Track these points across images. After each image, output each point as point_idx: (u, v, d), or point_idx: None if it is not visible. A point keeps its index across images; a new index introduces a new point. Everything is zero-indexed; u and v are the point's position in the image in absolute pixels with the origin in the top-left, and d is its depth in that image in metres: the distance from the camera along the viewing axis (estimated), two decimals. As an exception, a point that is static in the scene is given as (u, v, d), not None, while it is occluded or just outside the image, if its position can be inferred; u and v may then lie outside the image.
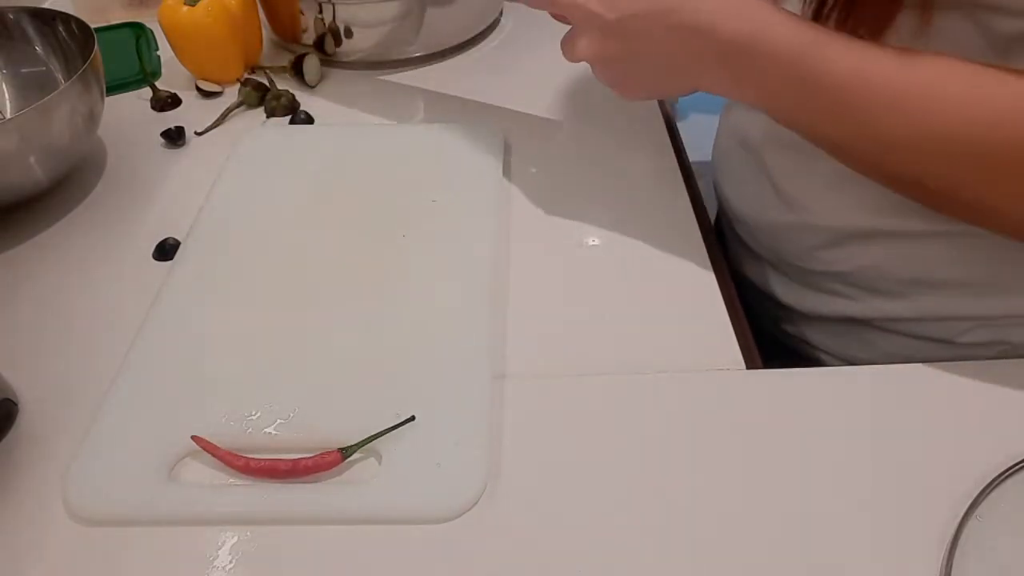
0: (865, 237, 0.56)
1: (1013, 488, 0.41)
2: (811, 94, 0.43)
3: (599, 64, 0.51)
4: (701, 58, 0.46)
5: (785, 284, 0.65)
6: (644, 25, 0.46)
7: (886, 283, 0.57)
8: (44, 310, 0.56)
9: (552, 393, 0.48)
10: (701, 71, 0.47)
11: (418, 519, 0.41)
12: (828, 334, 0.63)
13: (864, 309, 0.59)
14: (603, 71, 0.52)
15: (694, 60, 0.46)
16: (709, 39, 0.44)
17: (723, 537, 0.41)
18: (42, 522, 0.42)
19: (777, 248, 0.63)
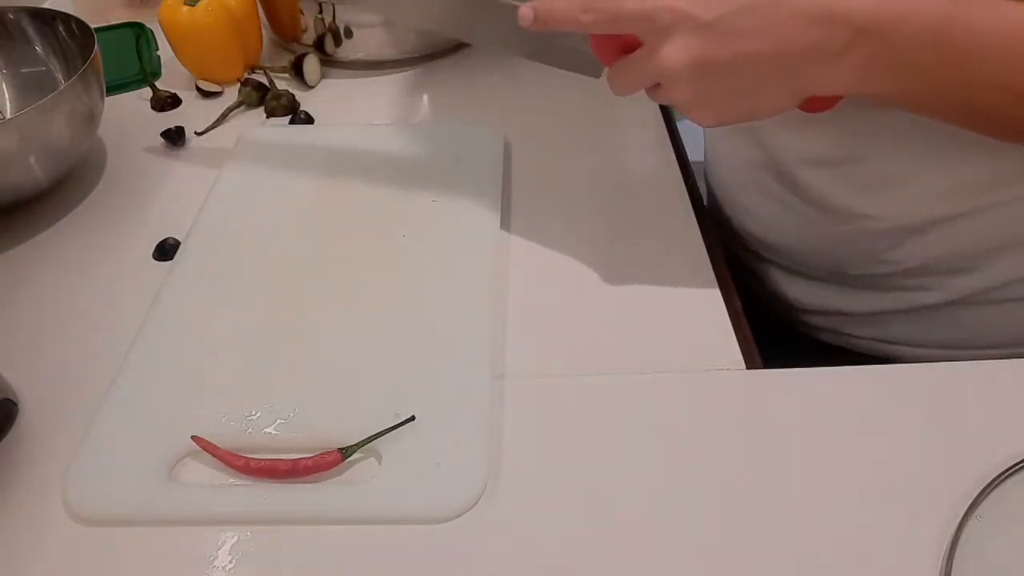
0: (931, 226, 0.54)
1: (1013, 488, 0.41)
2: (960, 65, 0.39)
3: (690, 80, 0.42)
4: (825, 51, 0.40)
5: (840, 293, 0.62)
6: (753, 21, 0.40)
7: (961, 261, 0.56)
8: (44, 310, 0.56)
9: (552, 393, 0.48)
10: (823, 68, 0.41)
11: (418, 519, 0.41)
12: (907, 325, 0.60)
13: (941, 295, 0.57)
14: (691, 88, 0.43)
15: (815, 55, 0.40)
16: (838, 26, 0.39)
17: (723, 536, 0.41)
18: (42, 522, 0.42)
19: (827, 263, 0.61)
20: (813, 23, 0.40)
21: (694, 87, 0.43)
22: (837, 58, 0.40)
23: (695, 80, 0.42)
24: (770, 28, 0.40)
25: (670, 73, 0.42)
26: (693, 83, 0.43)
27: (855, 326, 0.63)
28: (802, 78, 0.42)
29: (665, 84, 0.43)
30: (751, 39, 0.41)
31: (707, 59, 0.41)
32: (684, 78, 0.42)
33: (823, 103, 0.46)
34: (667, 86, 0.43)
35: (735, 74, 0.42)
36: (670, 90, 0.44)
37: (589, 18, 0.44)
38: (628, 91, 0.46)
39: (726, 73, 0.42)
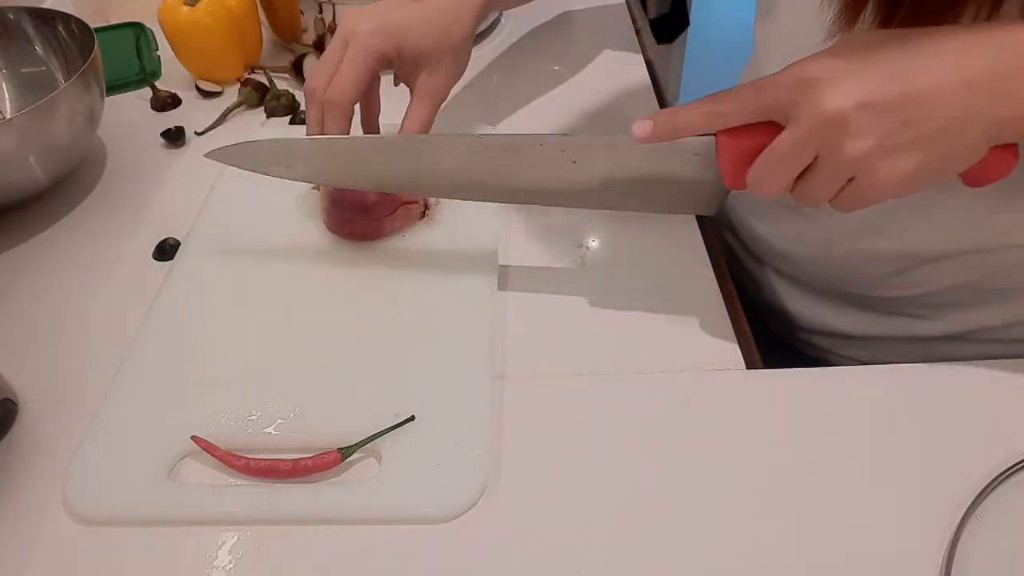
0: (945, 257, 0.53)
1: (1013, 488, 0.41)
2: None
3: (869, 123, 0.37)
4: (1005, 75, 0.36)
5: (838, 311, 0.62)
6: (910, 62, 0.37)
7: (966, 296, 0.55)
8: (44, 310, 0.56)
9: (552, 393, 0.48)
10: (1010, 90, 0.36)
11: (418, 519, 0.41)
12: (900, 354, 0.60)
13: (940, 326, 0.57)
14: (871, 134, 0.37)
15: (996, 78, 0.36)
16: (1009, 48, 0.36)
17: (723, 536, 0.41)
18: (42, 522, 0.42)
19: (831, 278, 0.61)
20: (969, 49, 0.36)
21: (875, 131, 0.36)
22: (1014, 79, 0.36)
23: (872, 123, 0.36)
24: (928, 64, 0.36)
25: (840, 120, 0.36)
26: (871, 128, 0.36)
27: (849, 348, 0.63)
28: (984, 107, 0.36)
29: (835, 142, 0.37)
30: (913, 78, 0.36)
31: (876, 98, 0.36)
32: (860, 123, 0.36)
33: (994, 171, 0.40)
34: (837, 143, 0.37)
35: (915, 112, 0.36)
36: (841, 147, 0.37)
37: (723, 105, 0.40)
38: (782, 182, 0.40)
39: (905, 112, 0.36)
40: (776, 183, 0.40)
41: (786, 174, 0.40)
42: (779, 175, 0.40)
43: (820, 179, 0.39)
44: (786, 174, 0.40)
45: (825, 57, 0.38)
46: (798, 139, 0.38)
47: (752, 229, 0.66)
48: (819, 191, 0.40)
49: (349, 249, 0.57)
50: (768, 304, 0.68)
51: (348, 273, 0.56)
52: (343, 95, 0.53)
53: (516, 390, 0.48)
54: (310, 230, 0.59)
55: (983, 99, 0.36)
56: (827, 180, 0.39)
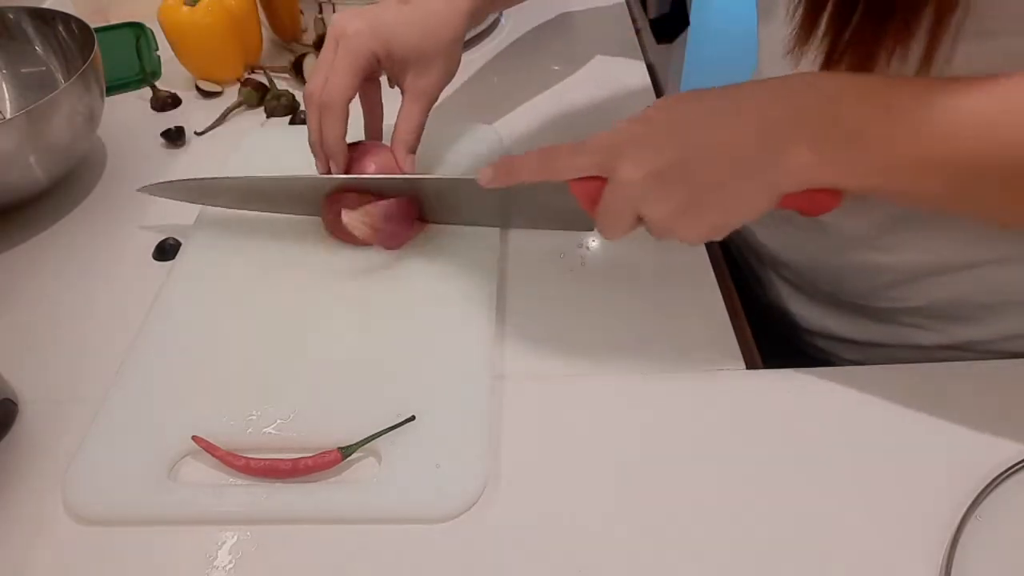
0: (943, 271, 0.53)
1: (1013, 488, 0.41)
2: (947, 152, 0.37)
3: (655, 191, 0.40)
4: (769, 142, 0.39)
5: (837, 316, 0.62)
6: (691, 116, 0.41)
7: (964, 310, 0.55)
8: (44, 310, 0.56)
9: (552, 393, 0.48)
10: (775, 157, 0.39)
11: (418, 519, 0.41)
12: (891, 359, 0.59)
13: (938, 337, 0.57)
14: (659, 201, 0.41)
15: (762, 144, 0.39)
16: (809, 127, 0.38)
17: (723, 535, 0.41)
18: (42, 522, 0.42)
19: (830, 286, 0.61)
20: (744, 113, 0.40)
21: (661, 198, 0.41)
22: (779, 142, 0.39)
23: (658, 189, 0.40)
24: (708, 126, 0.40)
25: (633, 191, 0.41)
26: (658, 194, 0.41)
27: (850, 351, 0.63)
28: (752, 165, 0.40)
29: (639, 208, 0.42)
30: (692, 140, 0.40)
31: (660, 166, 0.40)
32: (649, 191, 0.41)
33: (820, 203, 0.41)
34: (641, 209, 0.41)
35: (693, 172, 0.40)
36: (647, 213, 0.41)
37: (554, 163, 0.45)
38: (617, 231, 0.44)
39: (684, 173, 0.40)
40: (614, 232, 0.44)
41: (617, 225, 0.43)
42: (613, 226, 0.44)
43: (652, 227, 0.43)
44: (617, 225, 0.43)
45: (634, 124, 0.42)
46: (611, 199, 0.42)
47: (753, 234, 0.66)
48: (656, 233, 0.43)
49: (349, 249, 0.57)
50: (771, 305, 0.68)
51: (348, 273, 0.56)
52: (337, 96, 0.53)
53: (516, 390, 0.48)
54: (310, 230, 0.59)
55: (748, 160, 0.39)
56: (655, 228, 0.43)
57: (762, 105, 0.40)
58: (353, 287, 0.55)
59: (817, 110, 0.39)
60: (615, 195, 0.42)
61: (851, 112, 0.38)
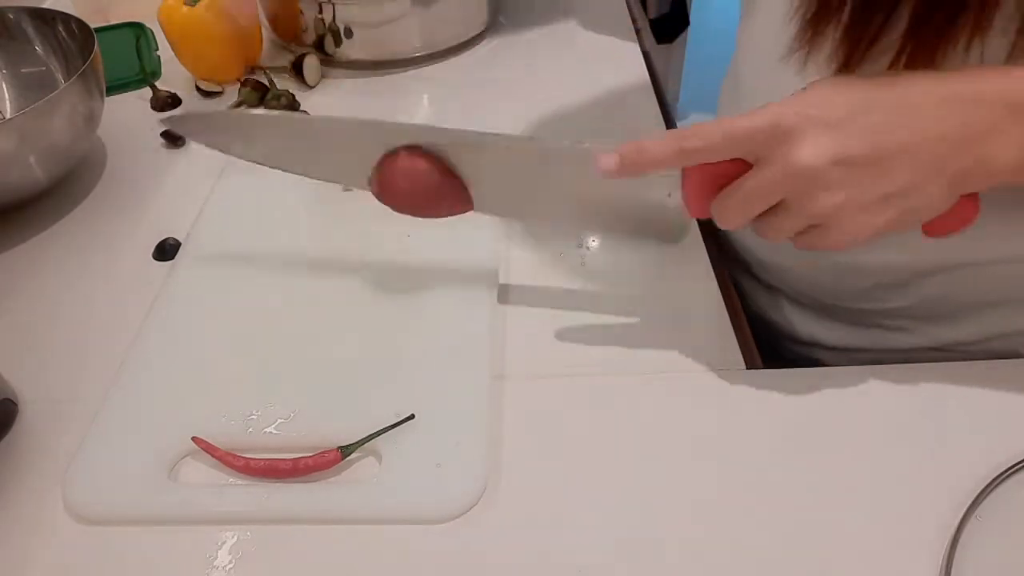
0: (930, 272, 0.53)
1: (1013, 488, 0.41)
2: None
3: (840, 180, 0.37)
4: (973, 131, 0.37)
5: (818, 322, 0.62)
6: (882, 116, 0.37)
7: (948, 310, 0.55)
8: (44, 310, 0.56)
9: (552, 393, 0.48)
10: (976, 147, 0.37)
11: (418, 519, 0.41)
12: (878, 362, 0.59)
13: (922, 340, 0.57)
14: (842, 190, 0.37)
15: (965, 136, 0.37)
16: (976, 105, 0.36)
17: (723, 535, 0.41)
18: (42, 522, 0.42)
19: (812, 290, 0.61)
20: (945, 105, 0.37)
21: (846, 188, 0.37)
22: (988, 136, 0.37)
23: (845, 179, 0.37)
24: (904, 120, 0.37)
25: (813, 174, 0.37)
26: (844, 183, 0.37)
27: (832, 358, 0.63)
28: (956, 163, 0.37)
29: (805, 193, 0.38)
30: (889, 133, 0.37)
31: (851, 154, 0.37)
32: (832, 178, 0.37)
33: (955, 222, 0.40)
34: (808, 195, 0.38)
35: (888, 169, 0.37)
36: (812, 199, 0.38)
37: (694, 143, 0.39)
38: (744, 217, 0.40)
39: (878, 168, 0.37)
40: (738, 217, 0.41)
41: (750, 211, 0.40)
42: (743, 211, 0.40)
43: (785, 221, 0.40)
44: (750, 211, 0.40)
45: (801, 106, 0.38)
46: (767, 182, 0.38)
47: (738, 238, 0.66)
48: (782, 231, 0.40)
49: (349, 249, 0.57)
50: (754, 315, 0.67)
51: (348, 272, 0.56)
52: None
53: (516, 390, 0.48)
54: (310, 230, 0.59)
55: (953, 157, 0.37)
56: (792, 223, 0.40)
57: (962, 83, 0.37)
58: (353, 287, 0.55)
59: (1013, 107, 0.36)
60: (770, 178, 0.38)
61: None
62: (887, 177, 0.37)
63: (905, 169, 0.37)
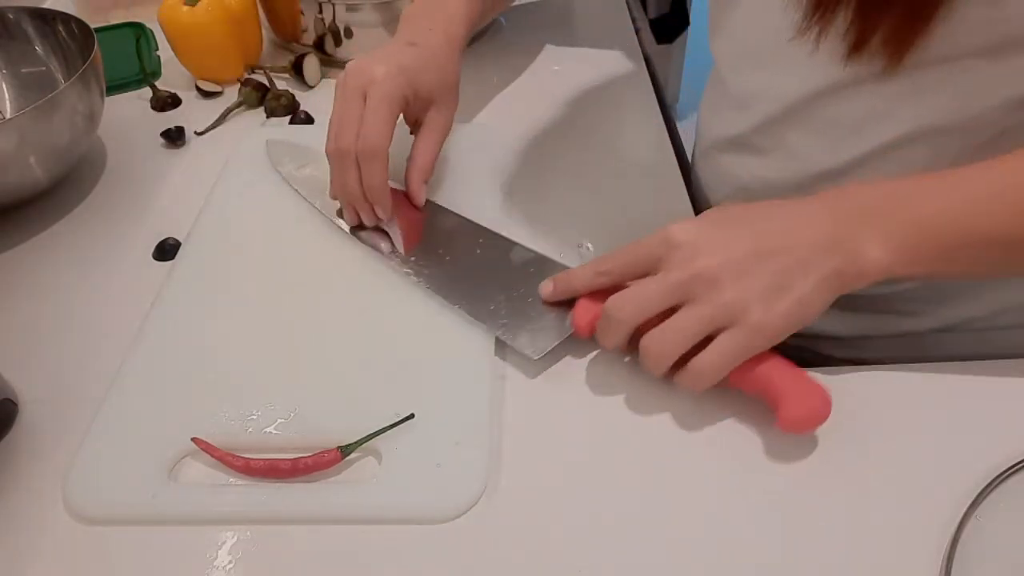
0: None
1: (1013, 488, 0.41)
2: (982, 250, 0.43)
3: (733, 278, 0.42)
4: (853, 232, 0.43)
5: (829, 314, 0.61)
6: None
7: (952, 290, 0.55)
8: (44, 310, 0.56)
9: (552, 393, 0.48)
10: (855, 240, 0.43)
11: (418, 519, 0.41)
12: (887, 348, 0.61)
13: (932, 321, 0.57)
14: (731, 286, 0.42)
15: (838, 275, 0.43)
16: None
17: (722, 534, 0.41)
18: (42, 522, 0.42)
19: None
20: (815, 217, 0.43)
21: (738, 282, 0.42)
22: (851, 239, 0.42)
23: (736, 273, 0.42)
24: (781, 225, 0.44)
25: (709, 274, 0.43)
26: (736, 277, 0.42)
27: (839, 349, 0.63)
28: (829, 262, 0.42)
29: (705, 291, 0.43)
30: (768, 238, 0.43)
31: (737, 254, 0.43)
32: (726, 274, 0.42)
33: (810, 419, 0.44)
34: (706, 292, 0.43)
35: (771, 261, 0.43)
36: (712, 296, 0.43)
37: (608, 267, 0.47)
38: (641, 315, 0.44)
39: (762, 262, 0.43)
40: (635, 315, 0.44)
41: (649, 308, 0.44)
42: (641, 308, 0.44)
43: (686, 318, 0.43)
44: (649, 308, 0.44)
45: (690, 224, 0.44)
46: (669, 283, 0.43)
47: None
48: (681, 332, 0.43)
49: (349, 249, 0.57)
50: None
51: (348, 272, 0.56)
52: (379, 143, 0.54)
53: (516, 390, 0.48)
54: (310, 230, 0.59)
55: (825, 256, 0.42)
56: (692, 320, 0.43)
57: (827, 202, 0.44)
58: (353, 286, 0.55)
59: (879, 204, 0.43)
60: (670, 279, 0.43)
61: (909, 202, 0.42)
62: (771, 266, 0.42)
63: (782, 263, 0.42)
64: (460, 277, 0.54)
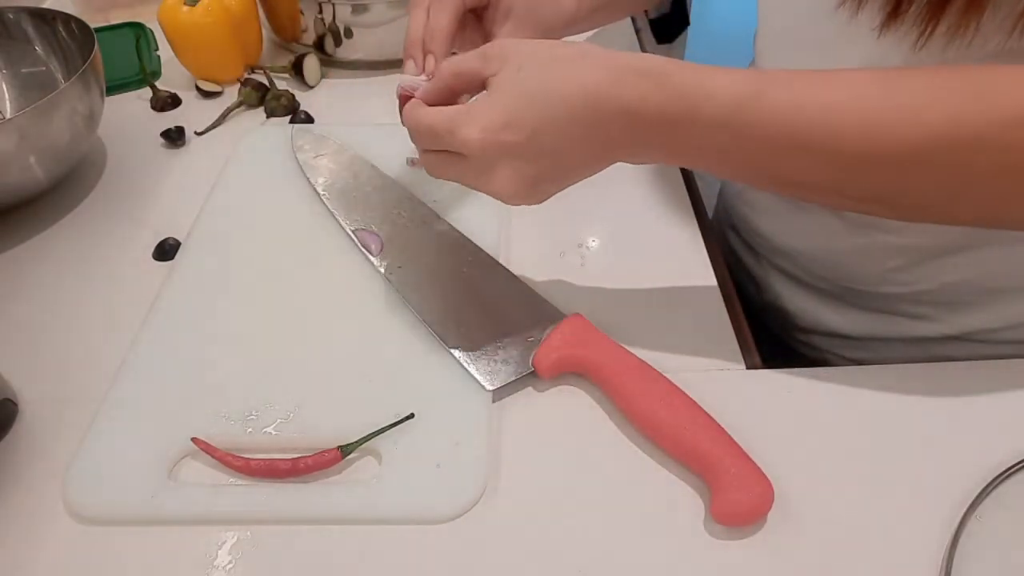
0: (948, 252, 0.53)
1: (1013, 488, 0.41)
2: (758, 148, 0.40)
3: (525, 194, 0.44)
4: (631, 140, 0.42)
5: (839, 311, 0.62)
6: (559, 134, 0.41)
7: (969, 295, 0.55)
8: (44, 310, 0.56)
9: (552, 393, 0.48)
10: (632, 151, 0.43)
11: (418, 519, 0.41)
12: (900, 352, 0.60)
13: (942, 328, 0.57)
14: (527, 195, 0.44)
15: (623, 144, 0.42)
16: (635, 122, 0.40)
17: (722, 534, 0.41)
18: (42, 522, 0.42)
19: (834, 275, 0.60)
20: (615, 121, 0.40)
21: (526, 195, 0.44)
22: (648, 144, 0.42)
23: (531, 192, 0.44)
24: (575, 135, 0.41)
25: (511, 197, 0.44)
26: (530, 194, 0.44)
27: (847, 348, 0.63)
28: (617, 158, 0.43)
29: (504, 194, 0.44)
30: (564, 151, 0.42)
31: (532, 175, 0.43)
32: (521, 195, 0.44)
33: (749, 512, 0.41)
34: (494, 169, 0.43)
35: (561, 173, 0.44)
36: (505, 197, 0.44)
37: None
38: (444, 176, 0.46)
39: (553, 176, 0.44)
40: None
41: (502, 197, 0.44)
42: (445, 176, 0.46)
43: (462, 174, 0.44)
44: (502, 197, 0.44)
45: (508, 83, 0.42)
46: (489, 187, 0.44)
47: (754, 226, 0.66)
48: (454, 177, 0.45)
49: (349, 249, 0.57)
50: (768, 304, 0.67)
51: (348, 272, 0.56)
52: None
53: (516, 390, 0.48)
54: (310, 230, 0.59)
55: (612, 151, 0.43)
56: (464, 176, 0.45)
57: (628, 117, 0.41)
58: (353, 286, 0.55)
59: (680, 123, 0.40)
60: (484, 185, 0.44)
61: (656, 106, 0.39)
62: (556, 177, 0.44)
63: (568, 171, 0.44)
64: (438, 292, 0.53)
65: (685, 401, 0.44)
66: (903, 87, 0.38)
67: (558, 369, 0.48)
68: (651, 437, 0.44)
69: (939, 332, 0.57)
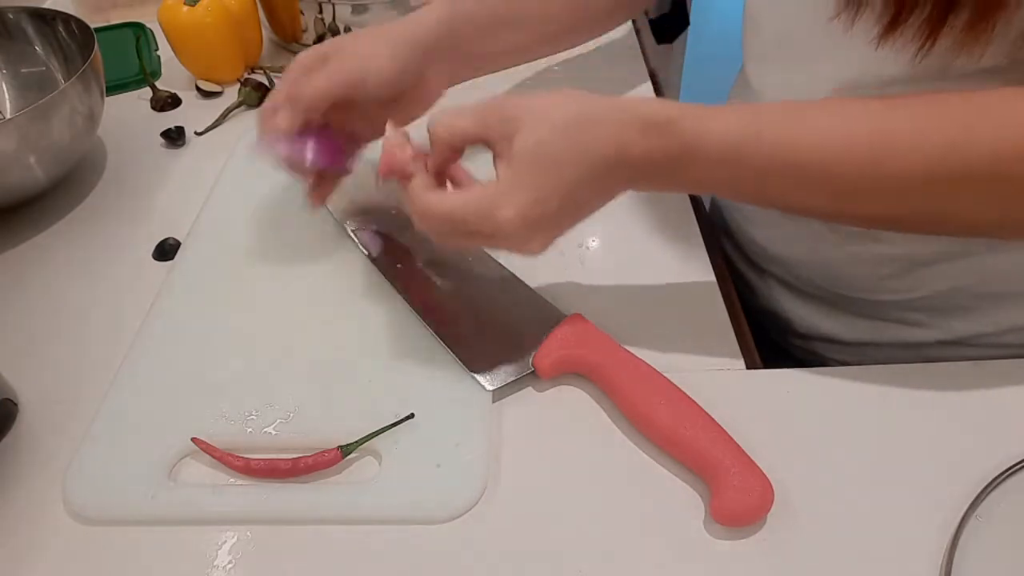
0: (944, 260, 0.53)
1: (1013, 488, 0.41)
2: (756, 182, 0.42)
3: (550, 245, 0.46)
4: (636, 179, 0.44)
5: (834, 317, 0.62)
6: (582, 196, 0.44)
7: (964, 301, 0.55)
8: (44, 310, 0.56)
9: (552, 394, 0.48)
10: (634, 187, 0.45)
11: (418, 519, 0.41)
12: (885, 359, 0.60)
13: (936, 333, 0.57)
14: (550, 245, 0.46)
15: (628, 183, 0.45)
16: (642, 167, 0.42)
17: (722, 533, 0.41)
18: (42, 522, 0.42)
19: (828, 282, 0.60)
20: (612, 172, 0.42)
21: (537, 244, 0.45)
22: (643, 185, 0.45)
23: (545, 239, 0.45)
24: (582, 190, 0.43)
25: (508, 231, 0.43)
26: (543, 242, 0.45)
27: (844, 353, 0.63)
28: (615, 196, 0.45)
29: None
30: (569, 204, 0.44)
31: (542, 224, 0.44)
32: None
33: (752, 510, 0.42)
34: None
35: (568, 219, 0.45)
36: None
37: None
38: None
39: (560, 224, 0.45)
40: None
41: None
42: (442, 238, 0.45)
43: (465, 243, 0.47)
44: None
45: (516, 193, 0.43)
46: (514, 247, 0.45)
47: (748, 234, 0.66)
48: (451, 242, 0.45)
49: (349, 248, 0.57)
50: (764, 309, 0.67)
51: (348, 272, 0.56)
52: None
53: (516, 390, 0.48)
54: (311, 230, 0.59)
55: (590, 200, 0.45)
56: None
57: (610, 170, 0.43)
58: (353, 286, 0.55)
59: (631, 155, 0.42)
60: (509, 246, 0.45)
61: (655, 149, 0.42)
62: (564, 225, 0.45)
63: (577, 216, 0.46)
64: (439, 293, 0.53)
65: (685, 401, 0.44)
66: (895, 118, 0.40)
67: (558, 369, 0.47)
68: (651, 437, 0.44)
69: (933, 338, 0.57)
